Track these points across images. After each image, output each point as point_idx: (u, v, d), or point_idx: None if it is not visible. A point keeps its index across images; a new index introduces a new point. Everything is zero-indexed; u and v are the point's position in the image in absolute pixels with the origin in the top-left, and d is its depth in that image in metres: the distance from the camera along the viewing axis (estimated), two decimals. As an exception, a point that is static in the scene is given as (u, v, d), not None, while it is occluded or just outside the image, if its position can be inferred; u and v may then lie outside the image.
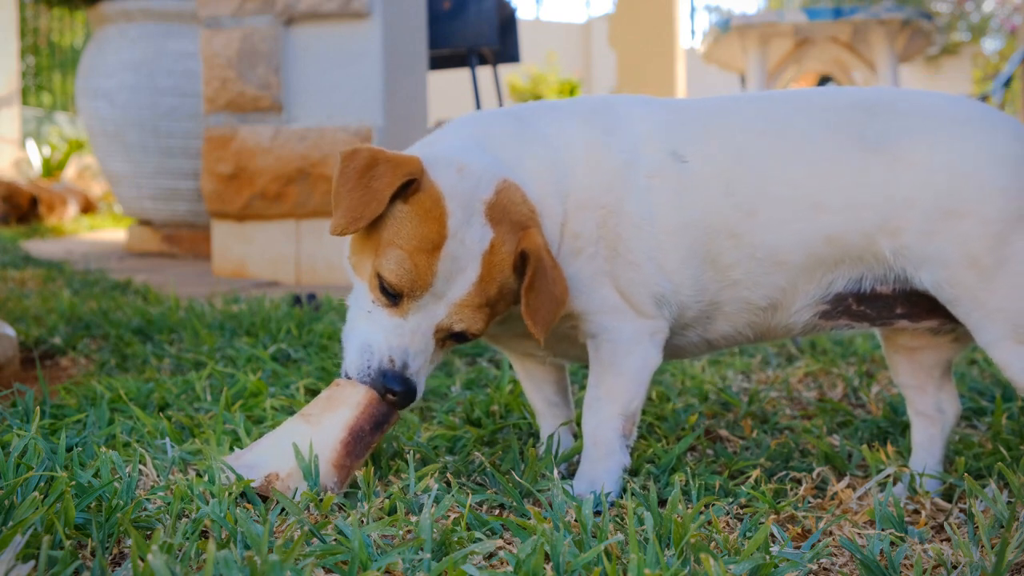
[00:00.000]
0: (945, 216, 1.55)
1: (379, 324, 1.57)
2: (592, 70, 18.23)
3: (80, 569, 1.23)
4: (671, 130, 1.70)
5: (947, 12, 15.83)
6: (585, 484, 1.64)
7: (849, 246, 1.62)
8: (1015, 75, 8.33)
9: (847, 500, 1.64)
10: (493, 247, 1.56)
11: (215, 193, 5.13)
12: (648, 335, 1.69)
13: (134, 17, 6.31)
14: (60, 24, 16.26)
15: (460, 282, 1.55)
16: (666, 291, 1.67)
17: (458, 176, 1.57)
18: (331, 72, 5.00)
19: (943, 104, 1.65)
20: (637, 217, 1.65)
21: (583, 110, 1.75)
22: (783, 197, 1.63)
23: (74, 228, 9.19)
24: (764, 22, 7.31)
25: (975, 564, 1.30)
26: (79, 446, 1.81)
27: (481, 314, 1.58)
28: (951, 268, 1.55)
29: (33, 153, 12.62)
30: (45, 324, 3.17)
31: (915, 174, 1.58)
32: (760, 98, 1.77)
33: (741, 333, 1.75)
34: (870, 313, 1.69)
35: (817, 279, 1.66)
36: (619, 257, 1.66)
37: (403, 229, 1.54)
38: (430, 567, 1.23)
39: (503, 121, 1.74)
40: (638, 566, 1.18)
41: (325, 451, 1.55)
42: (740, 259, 1.66)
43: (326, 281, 4.97)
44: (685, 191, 1.65)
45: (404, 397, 1.56)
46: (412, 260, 1.53)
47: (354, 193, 1.53)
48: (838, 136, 1.63)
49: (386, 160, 1.55)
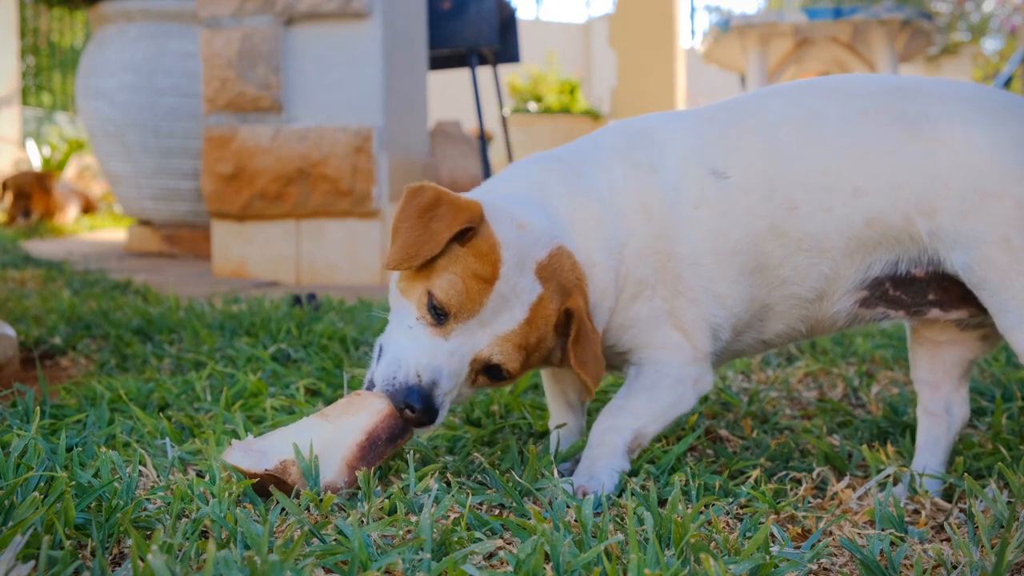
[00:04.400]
0: (981, 197, 1.57)
1: (417, 340, 1.59)
2: (592, 70, 18.23)
3: (80, 569, 1.23)
4: (707, 145, 1.73)
5: (947, 12, 15.83)
6: (584, 478, 1.65)
7: (888, 227, 1.64)
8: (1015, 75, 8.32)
9: (847, 500, 1.64)
10: (541, 300, 1.61)
11: (215, 193, 5.12)
12: (692, 382, 1.75)
13: (134, 17, 6.30)
14: (60, 24, 16.26)
15: (507, 318, 1.59)
16: (721, 320, 1.73)
17: (518, 232, 1.61)
18: (331, 72, 5.00)
19: (979, 91, 1.68)
20: (691, 256, 1.70)
21: (623, 145, 1.78)
22: (824, 185, 1.66)
23: (74, 228, 9.19)
24: (764, 22, 7.31)
25: (975, 564, 1.30)
26: (79, 446, 1.81)
27: (519, 354, 1.61)
28: (983, 248, 1.57)
29: (33, 153, 12.63)
30: (45, 324, 3.17)
31: (953, 154, 1.60)
32: (788, 89, 1.78)
33: (795, 329, 1.79)
34: (905, 299, 1.71)
35: (857, 263, 1.69)
36: (680, 296, 1.72)
37: (459, 262, 1.58)
38: (430, 567, 1.23)
39: (555, 170, 1.77)
40: (638, 566, 1.18)
41: (341, 449, 1.55)
42: (787, 256, 1.69)
43: (326, 281, 4.97)
44: (730, 209, 1.69)
45: (422, 415, 1.56)
46: (465, 284, 1.56)
47: (413, 231, 1.56)
48: (877, 118, 1.65)
49: (449, 202, 1.58)
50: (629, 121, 1.87)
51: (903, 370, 2.74)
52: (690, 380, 1.74)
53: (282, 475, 1.52)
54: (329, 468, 1.54)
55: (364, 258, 4.96)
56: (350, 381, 2.34)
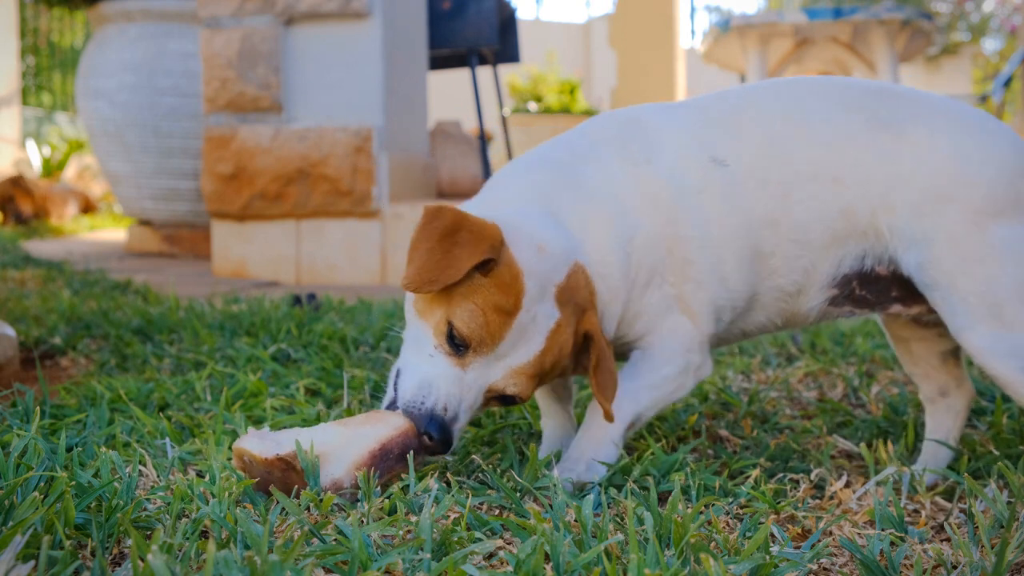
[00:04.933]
0: (936, 198, 1.65)
1: (441, 369, 1.60)
2: (592, 70, 18.23)
3: (80, 569, 1.23)
4: (703, 133, 1.77)
5: (947, 12, 15.83)
6: (581, 466, 1.69)
7: (857, 220, 1.71)
8: (1015, 75, 8.33)
9: (847, 500, 1.64)
10: (559, 326, 1.62)
11: (215, 193, 5.12)
12: (694, 368, 1.79)
13: (134, 17, 6.30)
14: (60, 24, 16.26)
15: (523, 350, 1.60)
16: (724, 302, 1.77)
17: (538, 256, 1.61)
18: (331, 72, 5.00)
19: (950, 103, 1.77)
20: (699, 239, 1.73)
21: (615, 136, 1.79)
22: (809, 174, 1.72)
23: (74, 228, 9.19)
24: (764, 22, 7.31)
25: (975, 564, 1.30)
26: (79, 446, 1.81)
27: (533, 383, 1.63)
28: (934, 249, 1.64)
29: (33, 153, 12.62)
30: (45, 324, 3.17)
31: (916, 153, 1.67)
32: (777, 84, 1.84)
33: (772, 321, 1.85)
34: (870, 298, 1.77)
35: (830, 258, 1.74)
36: (689, 280, 1.75)
37: (481, 292, 1.57)
38: (430, 567, 1.23)
39: (557, 174, 1.76)
40: (638, 566, 1.18)
41: (353, 453, 1.56)
42: (778, 245, 1.74)
43: (326, 281, 4.97)
44: (731, 194, 1.73)
45: (439, 445, 1.58)
46: (486, 317, 1.56)
47: (433, 255, 1.54)
48: (855, 115, 1.73)
49: (469, 228, 1.56)
50: (617, 112, 1.89)
51: (903, 370, 2.74)
52: (692, 367, 1.78)
53: (292, 460, 1.53)
54: (339, 466, 1.55)
55: (364, 258, 4.96)
56: (350, 381, 2.35)
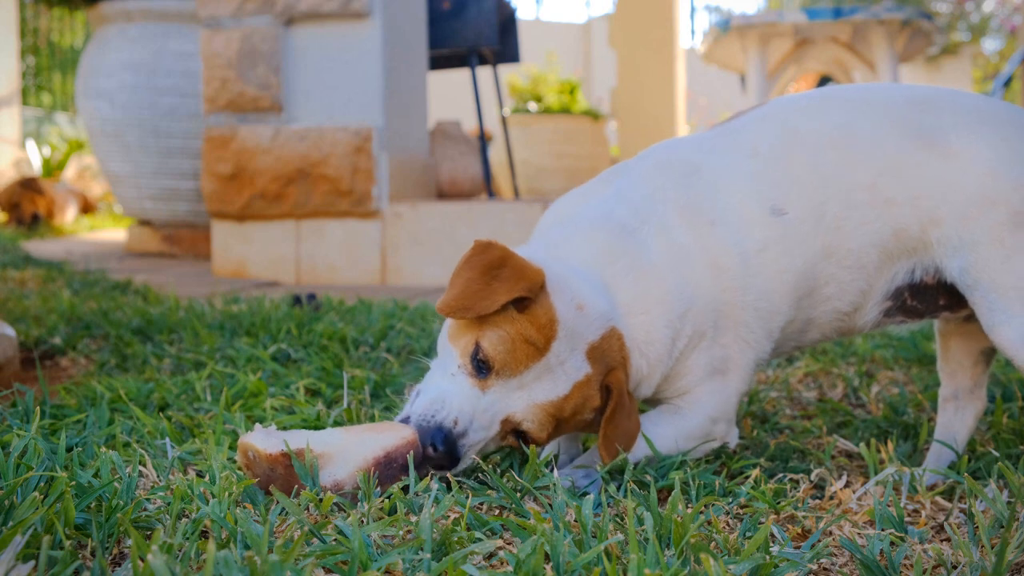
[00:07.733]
0: (981, 203, 1.68)
1: (458, 386, 1.62)
2: (592, 70, 18.22)
3: (80, 569, 1.23)
4: (760, 180, 1.76)
5: (947, 12, 15.82)
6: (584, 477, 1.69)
7: (909, 238, 1.73)
8: (1015, 75, 8.33)
9: (847, 500, 1.64)
10: (588, 380, 1.63)
11: (215, 193, 5.12)
12: (719, 437, 1.80)
13: (134, 17, 6.30)
14: (60, 24, 16.26)
15: (547, 388, 1.61)
16: (766, 356, 1.80)
17: (575, 313, 1.63)
18: (331, 72, 5.00)
19: (987, 104, 1.79)
20: (757, 302, 1.75)
21: (678, 195, 1.77)
22: (863, 201, 1.73)
23: (74, 228, 9.18)
24: (764, 22, 7.31)
25: (975, 564, 1.30)
26: (79, 446, 1.81)
27: (551, 424, 1.63)
28: (979, 250, 1.67)
29: (33, 153, 12.62)
30: (45, 324, 3.17)
31: (960, 164, 1.70)
32: (812, 103, 1.82)
33: (827, 336, 1.88)
34: (919, 307, 1.81)
35: (886, 275, 1.77)
36: (740, 341, 1.76)
37: (513, 324, 1.59)
38: (430, 567, 1.23)
39: (620, 241, 1.74)
40: (638, 566, 1.18)
41: (357, 456, 1.57)
42: (833, 274, 1.76)
43: (326, 281, 4.97)
44: (790, 244, 1.74)
45: (443, 459, 1.58)
46: (514, 344, 1.58)
47: (473, 284, 1.58)
48: (902, 131, 1.74)
49: (513, 266, 1.60)
50: (673, 156, 1.85)
51: (903, 370, 2.74)
52: (718, 435, 1.80)
53: (300, 457, 1.54)
54: (342, 469, 1.56)
55: (364, 258, 4.96)
56: (350, 381, 2.35)
